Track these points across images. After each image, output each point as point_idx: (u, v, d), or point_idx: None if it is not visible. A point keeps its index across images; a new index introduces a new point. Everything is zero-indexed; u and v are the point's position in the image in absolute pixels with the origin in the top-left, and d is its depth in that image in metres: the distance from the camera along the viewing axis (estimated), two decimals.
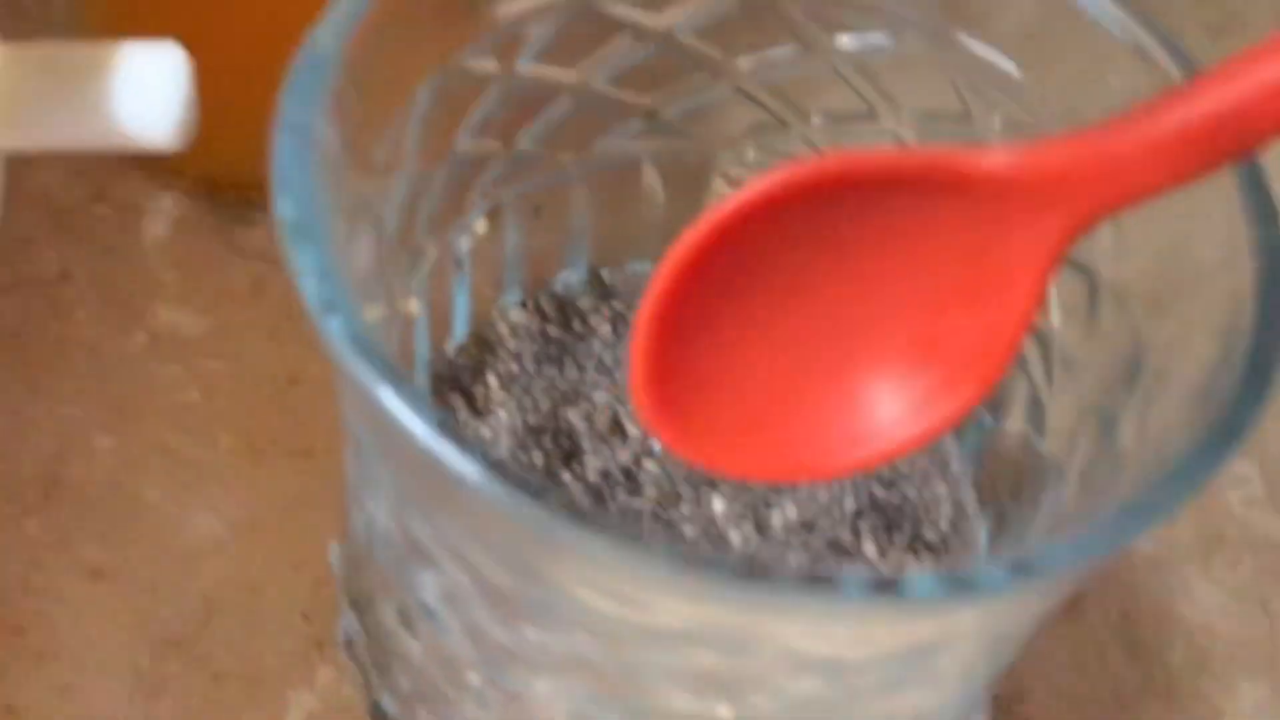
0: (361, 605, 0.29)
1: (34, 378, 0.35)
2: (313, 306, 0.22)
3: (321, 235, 0.22)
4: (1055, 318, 0.28)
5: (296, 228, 0.22)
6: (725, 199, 0.22)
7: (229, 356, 0.36)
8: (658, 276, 0.22)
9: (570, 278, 0.32)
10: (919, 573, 0.22)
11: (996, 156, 0.20)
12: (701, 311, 0.22)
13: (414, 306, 0.28)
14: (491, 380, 0.30)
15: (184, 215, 0.39)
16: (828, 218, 0.21)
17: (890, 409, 0.23)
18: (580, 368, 0.30)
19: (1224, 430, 0.21)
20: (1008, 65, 0.28)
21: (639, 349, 0.22)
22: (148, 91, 0.27)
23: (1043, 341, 0.28)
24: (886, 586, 0.19)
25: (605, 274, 0.32)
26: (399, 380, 0.21)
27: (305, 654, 0.32)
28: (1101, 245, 0.26)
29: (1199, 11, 0.45)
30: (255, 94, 0.37)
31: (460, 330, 0.31)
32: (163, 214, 0.39)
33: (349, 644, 0.31)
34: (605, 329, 0.31)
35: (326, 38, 0.25)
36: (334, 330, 0.21)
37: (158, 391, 0.36)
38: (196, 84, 0.28)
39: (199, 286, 0.37)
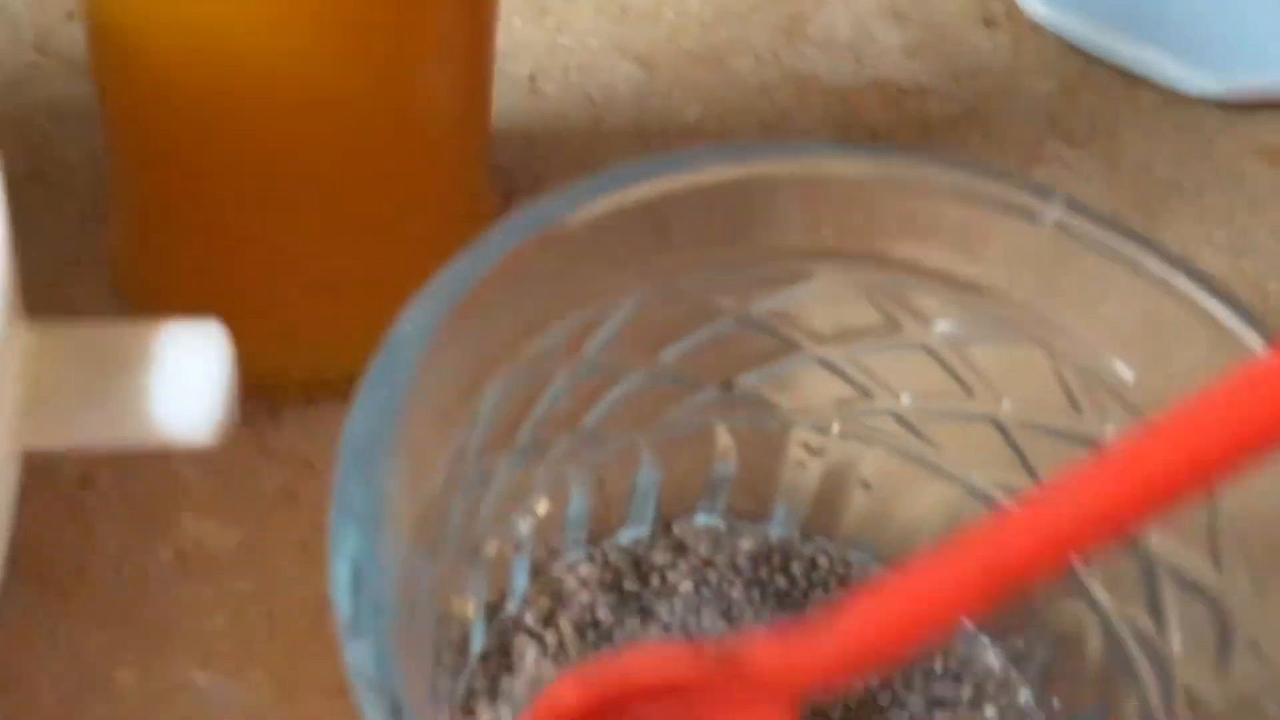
0: None
1: (54, 598, 0.33)
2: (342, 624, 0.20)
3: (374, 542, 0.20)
4: (1175, 641, 0.26)
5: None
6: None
7: (259, 576, 0.34)
8: None
9: (639, 532, 0.30)
10: None
11: (715, 664, 0.24)
12: None
13: (471, 610, 0.26)
14: (565, 626, 0.28)
15: None
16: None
17: None
18: (666, 629, 0.28)
19: None
20: (1117, 363, 0.26)
21: None
22: (188, 388, 0.24)
23: (1157, 660, 0.26)
24: None
25: (676, 527, 0.30)
26: None
27: None
28: (1239, 590, 0.24)
29: None
30: (294, 294, 0.35)
31: (519, 589, 0.29)
32: None
33: None
34: (686, 586, 0.29)
35: (412, 327, 0.23)
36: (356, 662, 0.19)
37: (184, 617, 0.33)
38: (225, 297, 0.26)
39: (227, 494, 0.35)
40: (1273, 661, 0.24)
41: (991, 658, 0.30)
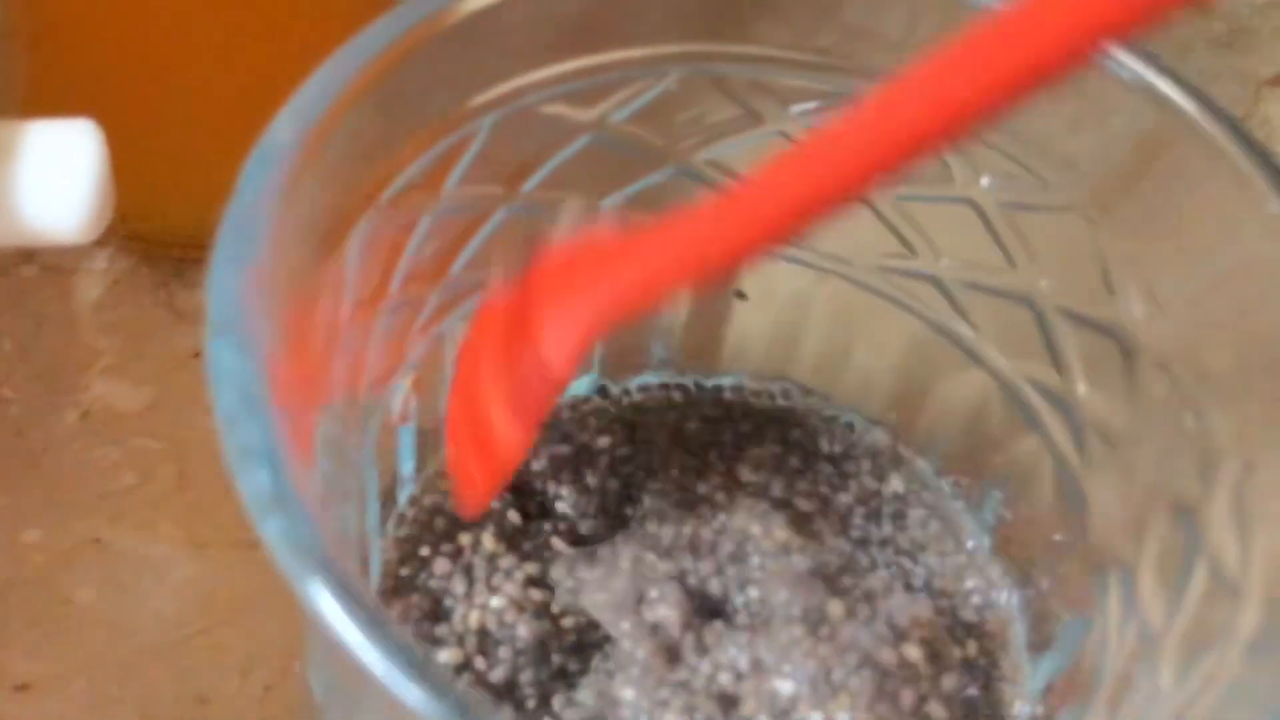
0: None
1: None
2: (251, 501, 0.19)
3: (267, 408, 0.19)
4: (1080, 385, 0.25)
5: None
6: None
7: (168, 435, 0.34)
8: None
9: None
10: None
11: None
12: None
13: (370, 481, 0.25)
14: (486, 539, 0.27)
15: (119, 276, 0.36)
16: None
17: None
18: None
19: None
20: None
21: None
22: (54, 182, 0.24)
23: (1064, 407, 0.25)
24: None
25: None
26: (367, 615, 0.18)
27: None
28: (1133, 308, 0.23)
29: (1207, 25, 0.42)
30: (202, 148, 0.34)
31: (407, 471, 0.28)
32: (96, 275, 0.36)
33: None
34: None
35: (284, 128, 0.22)
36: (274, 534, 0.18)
37: (91, 476, 0.33)
38: (128, 152, 0.26)
39: (136, 355, 0.35)
40: (1175, 370, 0.23)
41: (879, 435, 0.29)
